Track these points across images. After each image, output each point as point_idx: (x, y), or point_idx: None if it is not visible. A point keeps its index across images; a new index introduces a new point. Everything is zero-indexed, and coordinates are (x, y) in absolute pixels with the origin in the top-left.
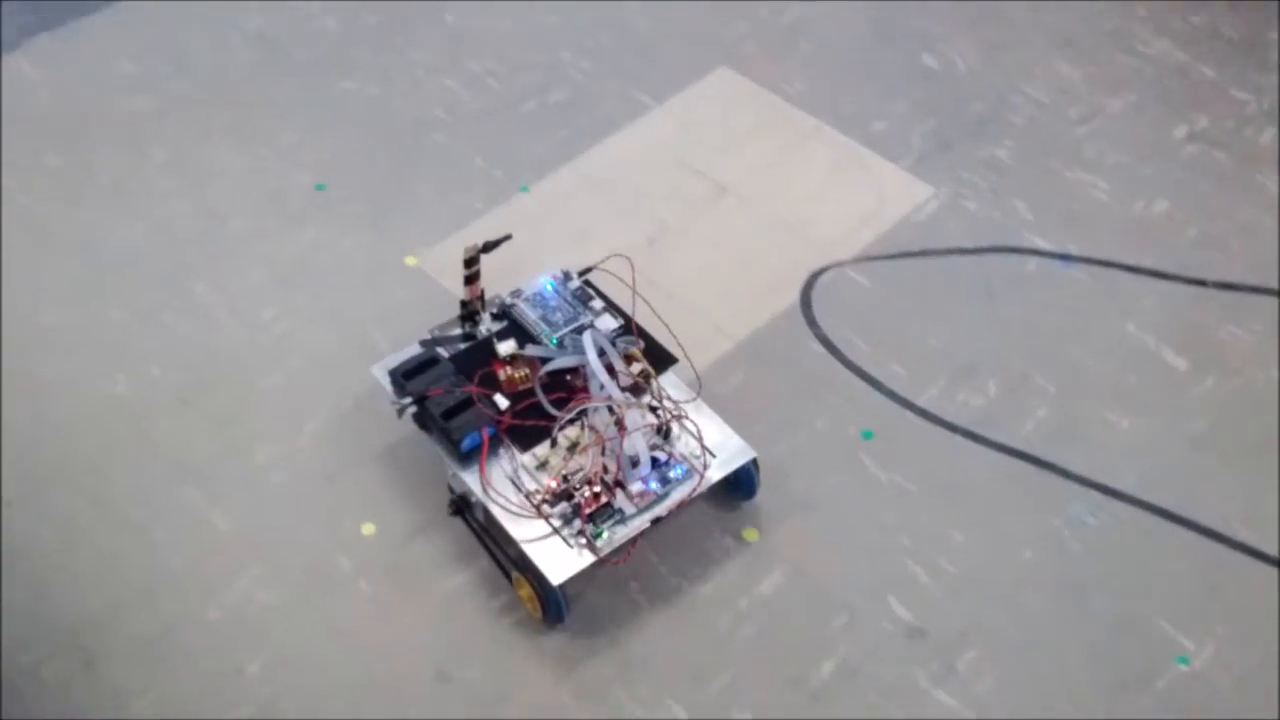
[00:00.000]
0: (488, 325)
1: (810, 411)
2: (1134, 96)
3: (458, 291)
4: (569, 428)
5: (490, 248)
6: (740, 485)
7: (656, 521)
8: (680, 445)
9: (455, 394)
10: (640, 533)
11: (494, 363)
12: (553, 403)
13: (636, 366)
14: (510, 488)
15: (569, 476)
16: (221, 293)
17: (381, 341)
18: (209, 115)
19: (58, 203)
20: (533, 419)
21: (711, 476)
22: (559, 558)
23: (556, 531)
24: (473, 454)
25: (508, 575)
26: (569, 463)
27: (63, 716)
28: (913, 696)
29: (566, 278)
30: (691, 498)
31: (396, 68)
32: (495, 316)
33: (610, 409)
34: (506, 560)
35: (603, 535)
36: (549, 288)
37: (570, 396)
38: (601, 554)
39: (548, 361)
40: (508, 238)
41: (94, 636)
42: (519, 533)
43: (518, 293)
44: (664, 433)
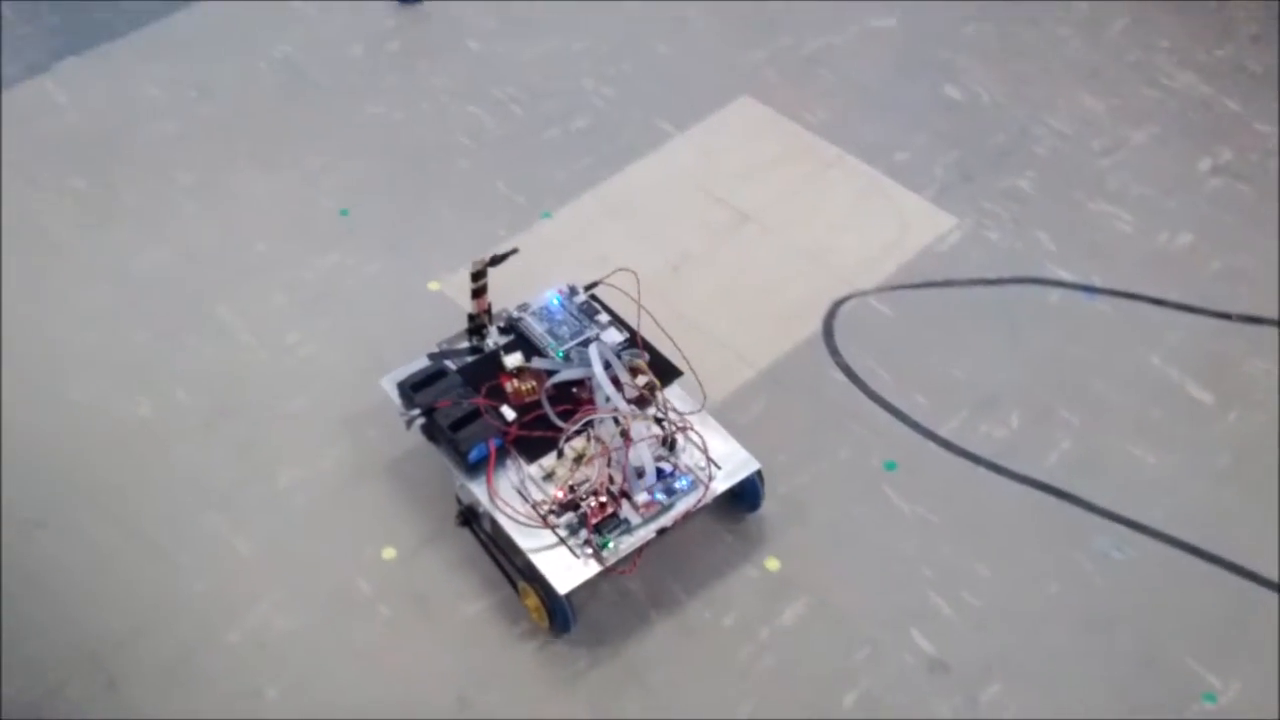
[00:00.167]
0: (495, 339)
1: (832, 441)
2: (1158, 129)
3: None
4: (575, 439)
5: (498, 261)
6: (745, 497)
7: (662, 532)
8: (685, 457)
9: (463, 406)
10: (646, 543)
11: (501, 375)
12: (559, 415)
13: (642, 379)
14: (517, 498)
15: (575, 487)
16: (245, 316)
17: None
18: (234, 140)
19: (84, 225)
20: (539, 430)
21: (716, 488)
22: (565, 567)
23: (563, 541)
24: (480, 465)
25: (514, 585)
26: (575, 473)
27: None
28: None
29: (573, 292)
30: (697, 508)
31: (421, 94)
32: (502, 330)
33: (616, 420)
34: (513, 570)
35: (609, 545)
36: (555, 302)
37: (576, 408)
38: (607, 563)
39: (554, 374)
40: (514, 251)
41: (116, 658)
42: (526, 542)
43: (524, 307)
44: (669, 444)
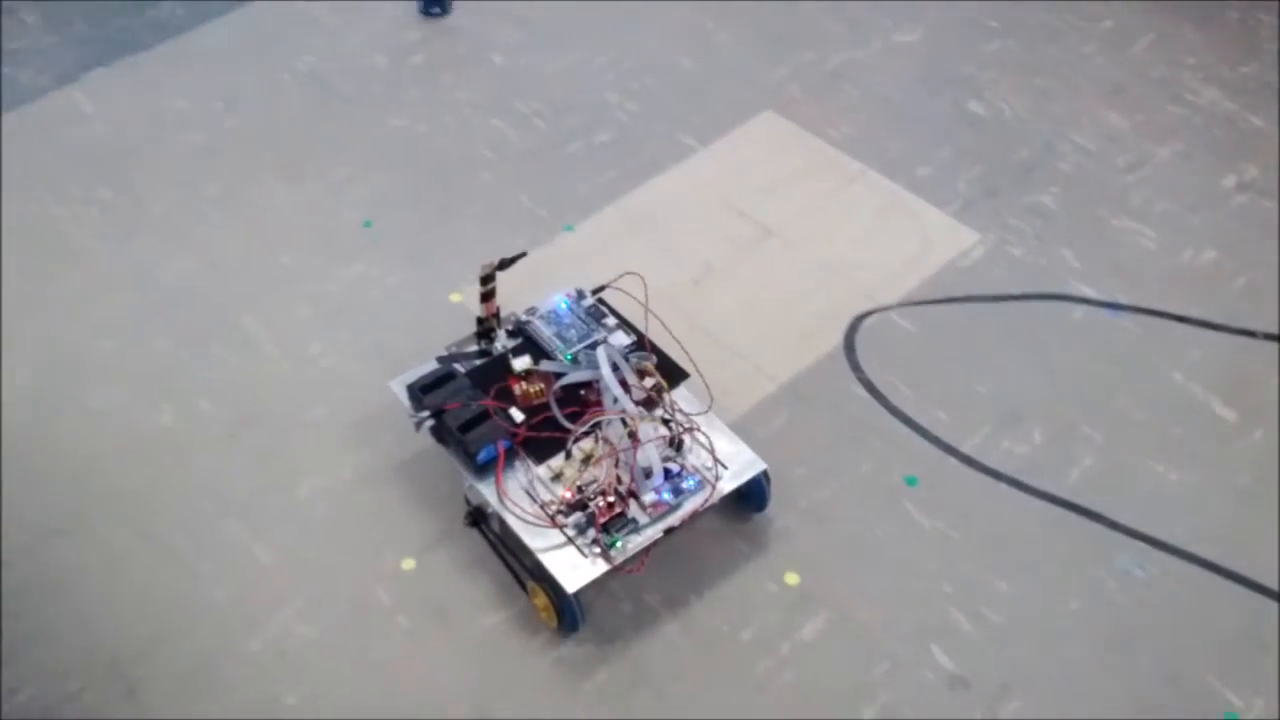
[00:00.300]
0: (503, 342)
1: (853, 456)
2: (1182, 145)
3: None
4: (583, 440)
5: (506, 265)
6: (752, 497)
7: (669, 531)
8: (692, 457)
9: (472, 407)
10: (654, 542)
11: (509, 378)
12: (567, 416)
13: (649, 381)
14: (526, 499)
15: (583, 487)
16: (269, 327)
17: None
18: (260, 151)
19: (109, 235)
20: (547, 432)
21: (723, 488)
22: (573, 566)
23: (571, 541)
24: (489, 466)
25: (523, 585)
26: (583, 474)
27: None
28: None
29: (580, 296)
30: (704, 508)
31: (444, 107)
32: (510, 334)
33: (624, 422)
34: (522, 570)
35: (617, 544)
36: (563, 306)
37: (584, 410)
38: (615, 562)
39: (562, 376)
40: (523, 255)
41: (136, 665)
42: (534, 542)
43: (533, 310)
44: (676, 445)
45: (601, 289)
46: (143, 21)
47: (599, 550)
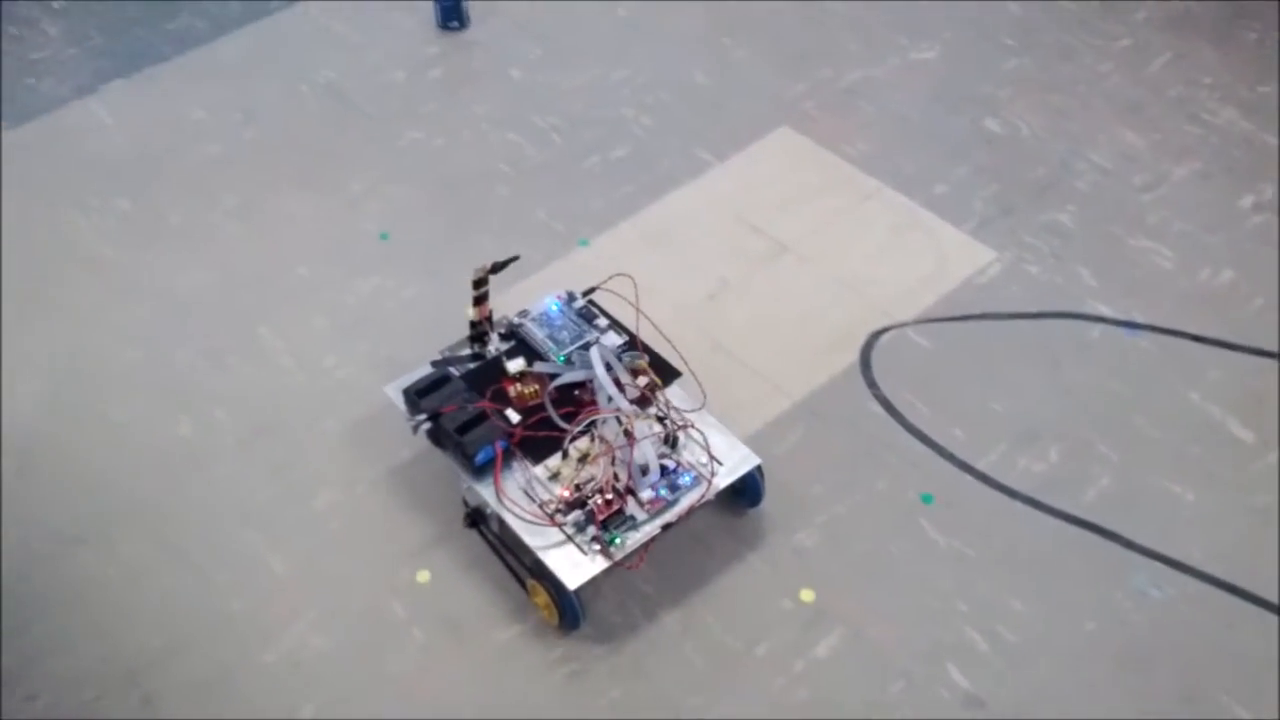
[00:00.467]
0: (496, 345)
1: (869, 473)
2: (1199, 165)
3: None
4: (579, 439)
5: (499, 268)
6: (747, 492)
7: (667, 527)
8: (687, 454)
9: (468, 410)
10: (652, 538)
11: (504, 380)
12: (562, 417)
13: (643, 379)
14: (524, 498)
15: (581, 486)
16: (285, 338)
17: None
18: (278, 163)
19: (127, 245)
20: (544, 432)
21: (719, 483)
22: (573, 564)
23: (570, 539)
24: (487, 467)
25: (523, 584)
26: (580, 473)
27: None
28: None
29: (571, 298)
30: (700, 503)
31: (462, 121)
32: (503, 336)
33: (619, 420)
34: (522, 569)
35: (616, 540)
36: (554, 308)
37: (579, 410)
38: (615, 559)
39: (556, 377)
40: (515, 258)
41: (152, 676)
42: (534, 541)
43: (524, 313)
44: (671, 442)
45: (592, 290)
46: (162, 33)
47: (599, 547)
